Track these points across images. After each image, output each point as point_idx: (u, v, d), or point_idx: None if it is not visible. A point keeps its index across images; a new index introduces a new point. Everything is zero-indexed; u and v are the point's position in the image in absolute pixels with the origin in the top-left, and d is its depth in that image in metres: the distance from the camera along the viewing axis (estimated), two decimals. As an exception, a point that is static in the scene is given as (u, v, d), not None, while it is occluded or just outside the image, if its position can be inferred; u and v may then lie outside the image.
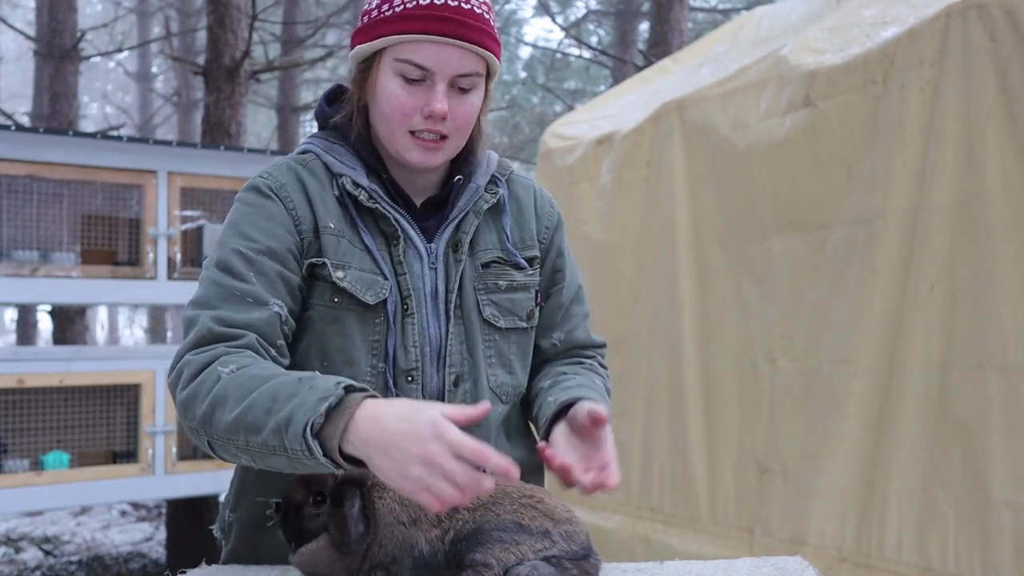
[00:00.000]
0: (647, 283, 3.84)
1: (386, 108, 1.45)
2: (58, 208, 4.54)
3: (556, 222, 1.67)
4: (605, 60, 14.55)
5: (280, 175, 1.49)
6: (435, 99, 1.42)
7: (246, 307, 1.38)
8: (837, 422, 2.94)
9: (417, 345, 1.49)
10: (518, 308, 1.58)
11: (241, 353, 1.33)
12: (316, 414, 1.17)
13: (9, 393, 4.31)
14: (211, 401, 1.27)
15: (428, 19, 1.40)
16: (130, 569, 6.07)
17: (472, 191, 1.55)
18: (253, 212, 1.45)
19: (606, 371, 1.72)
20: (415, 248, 1.50)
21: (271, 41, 11.90)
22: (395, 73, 1.43)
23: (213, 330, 1.35)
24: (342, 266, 1.45)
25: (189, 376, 1.32)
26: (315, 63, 9.31)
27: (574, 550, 1.30)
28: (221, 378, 1.28)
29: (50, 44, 8.72)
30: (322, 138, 1.56)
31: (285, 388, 1.24)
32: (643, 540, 3.71)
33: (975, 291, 2.57)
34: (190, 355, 1.34)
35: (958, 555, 2.59)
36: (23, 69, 21.86)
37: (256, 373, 1.28)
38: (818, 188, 3.05)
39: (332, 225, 1.46)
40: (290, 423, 1.19)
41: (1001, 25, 2.53)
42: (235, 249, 1.41)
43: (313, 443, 1.17)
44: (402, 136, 1.46)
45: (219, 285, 1.39)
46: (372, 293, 1.45)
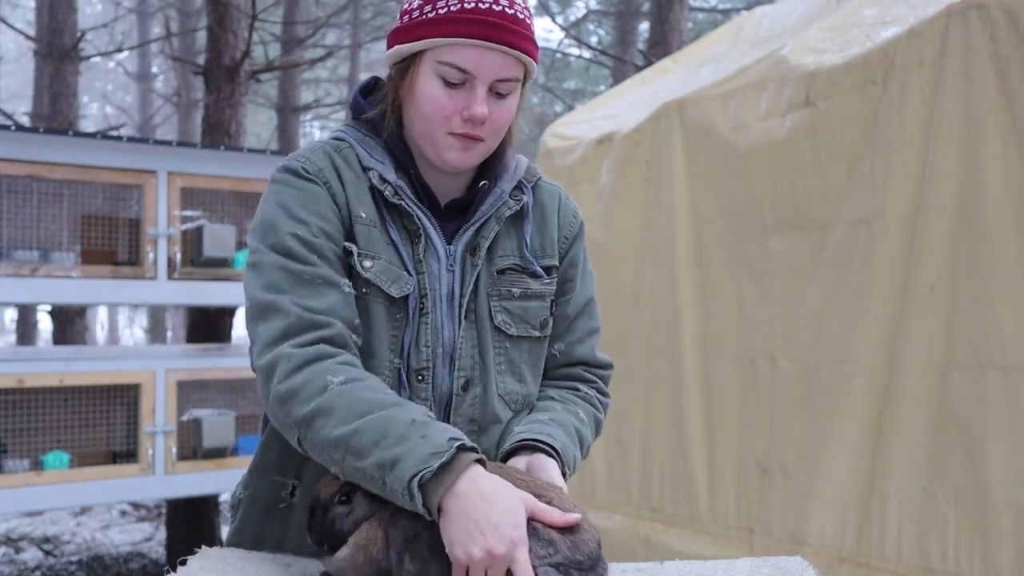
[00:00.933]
0: (647, 283, 3.84)
1: (426, 109, 1.45)
2: (58, 208, 4.55)
3: (576, 233, 1.66)
4: (605, 60, 14.55)
5: (317, 159, 1.50)
6: (475, 103, 1.43)
7: (322, 291, 1.40)
8: (837, 422, 2.94)
9: (429, 345, 1.49)
10: (531, 316, 1.57)
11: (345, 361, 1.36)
12: (427, 467, 1.23)
13: (9, 393, 4.31)
14: (316, 408, 1.31)
15: (473, 23, 1.40)
16: (130, 569, 6.07)
17: (496, 196, 1.55)
18: (300, 194, 1.46)
19: (604, 399, 1.70)
20: (434, 248, 1.51)
21: (271, 41, 11.90)
22: (435, 75, 1.44)
23: (303, 317, 1.37)
24: (371, 256, 1.46)
25: (290, 370, 1.34)
26: (315, 63, 9.31)
27: (579, 560, 1.28)
28: (329, 387, 1.32)
29: (50, 44, 8.71)
30: (355, 128, 1.56)
31: (397, 427, 1.27)
32: (643, 540, 3.71)
33: (975, 291, 2.57)
34: (288, 347, 1.36)
35: (958, 555, 2.59)
36: (23, 69, 21.86)
37: (366, 396, 1.32)
38: (818, 188, 3.05)
39: (364, 215, 1.47)
40: (397, 465, 1.24)
41: (1001, 25, 2.53)
42: (292, 233, 1.42)
43: (417, 493, 1.23)
44: (441, 136, 1.46)
45: (287, 271, 1.40)
46: (397, 287, 1.46)
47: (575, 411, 1.60)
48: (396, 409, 1.30)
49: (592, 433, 1.63)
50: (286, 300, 1.38)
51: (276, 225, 1.44)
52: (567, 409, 1.59)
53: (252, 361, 1.44)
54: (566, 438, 1.52)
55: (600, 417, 1.68)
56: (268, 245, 1.43)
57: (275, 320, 1.38)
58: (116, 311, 25.09)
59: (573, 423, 1.57)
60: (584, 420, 1.60)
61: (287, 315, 1.37)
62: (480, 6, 1.41)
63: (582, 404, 1.64)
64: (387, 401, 1.32)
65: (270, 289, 1.40)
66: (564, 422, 1.55)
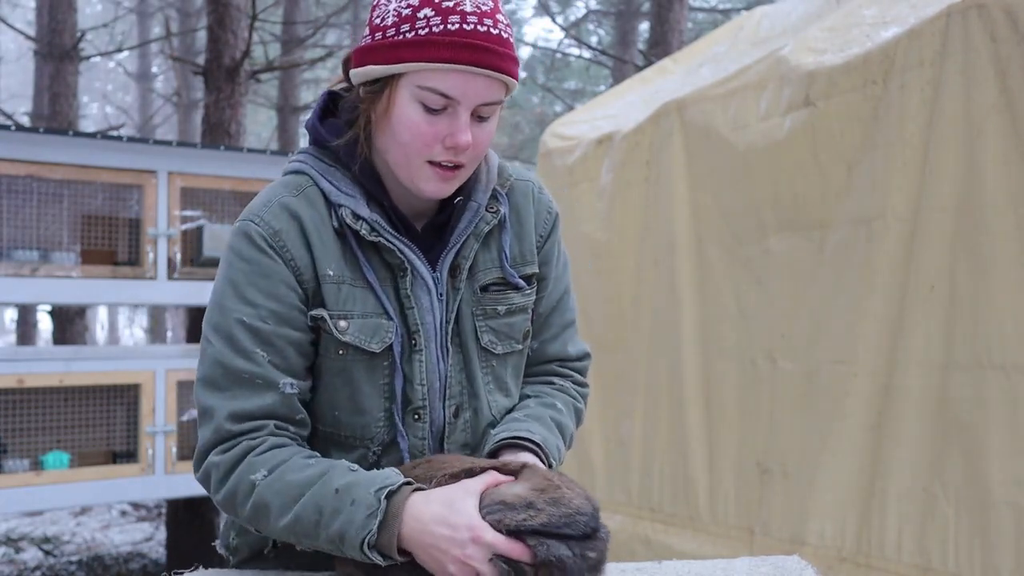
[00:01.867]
0: (647, 283, 3.84)
1: (405, 136, 1.37)
2: (58, 208, 4.54)
3: (551, 227, 1.60)
4: (605, 60, 14.55)
5: (273, 219, 1.39)
6: (459, 130, 1.35)
7: (258, 392, 1.36)
8: (837, 422, 2.94)
9: (425, 383, 1.45)
10: (515, 331, 1.54)
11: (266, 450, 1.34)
12: (368, 532, 1.24)
13: (9, 393, 4.31)
14: (252, 508, 1.33)
15: (457, 47, 1.31)
16: (130, 569, 6.07)
17: (473, 212, 1.48)
18: (250, 270, 1.38)
19: (582, 389, 1.66)
20: (422, 280, 1.44)
21: (271, 41, 11.90)
22: (415, 100, 1.35)
23: (230, 429, 1.35)
24: (344, 315, 1.40)
25: (219, 480, 1.35)
26: (315, 63, 9.30)
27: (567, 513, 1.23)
28: (256, 485, 1.32)
29: (50, 44, 8.72)
30: (316, 157, 1.47)
31: (327, 502, 1.28)
32: (643, 540, 3.71)
33: (975, 291, 2.57)
34: (214, 456, 1.36)
35: (958, 555, 2.59)
36: (23, 69, 21.86)
37: (290, 480, 1.31)
38: (818, 188, 3.05)
39: (331, 272, 1.40)
40: (344, 539, 1.26)
41: (1001, 25, 2.52)
42: (238, 319, 1.36)
43: (372, 554, 1.25)
44: (420, 166, 1.38)
45: (224, 366, 1.36)
46: (377, 340, 1.41)
47: (551, 403, 1.58)
48: (320, 485, 1.29)
49: (573, 422, 1.61)
50: (217, 404, 1.35)
51: (224, 306, 1.38)
52: (542, 403, 1.57)
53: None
54: (544, 430, 1.49)
55: (580, 407, 1.64)
56: (213, 327, 1.38)
57: (206, 428, 1.36)
58: (116, 311, 25.09)
59: (549, 415, 1.55)
60: (562, 410, 1.58)
61: (217, 425, 1.35)
62: (464, 27, 1.32)
63: (559, 395, 1.61)
64: (311, 478, 1.30)
65: (207, 386, 1.37)
66: (540, 416, 1.53)
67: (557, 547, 1.21)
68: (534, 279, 1.56)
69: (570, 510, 1.24)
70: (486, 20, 1.34)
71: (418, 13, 1.33)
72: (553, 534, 1.22)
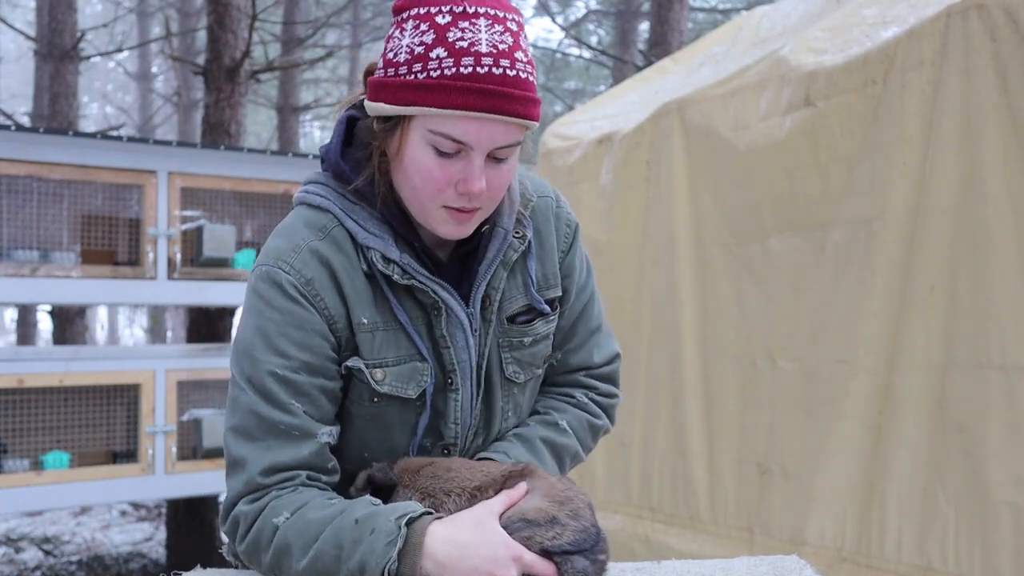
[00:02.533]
0: (647, 283, 3.84)
1: (416, 180, 1.32)
2: (58, 208, 4.54)
3: (571, 242, 1.55)
4: (605, 60, 14.55)
5: (304, 267, 1.35)
6: (473, 177, 1.29)
7: (294, 443, 1.33)
8: (837, 422, 2.93)
9: (459, 422, 1.43)
10: (537, 359, 1.51)
11: (292, 493, 1.32)
12: (389, 560, 1.21)
13: (9, 393, 4.31)
14: (274, 552, 1.30)
15: (470, 93, 1.24)
16: (130, 569, 6.07)
17: (500, 238, 1.42)
18: (282, 319, 1.34)
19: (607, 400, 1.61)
20: (456, 318, 1.40)
21: (271, 41, 11.90)
22: (427, 143, 1.29)
23: (263, 482, 1.33)
24: (380, 364, 1.37)
25: (245, 530, 1.33)
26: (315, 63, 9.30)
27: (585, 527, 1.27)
28: (278, 528, 1.29)
29: (50, 44, 8.72)
30: (338, 193, 1.40)
31: (347, 534, 1.25)
32: (643, 540, 3.71)
33: (975, 291, 2.57)
34: (242, 505, 1.33)
35: (958, 555, 2.59)
36: (23, 69, 21.86)
37: (312, 518, 1.28)
38: (818, 188, 3.05)
39: (366, 320, 1.36)
40: (364, 569, 1.23)
41: (1001, 25, 2.52)
42: (271, 371, 1.33)
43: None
44: (434, 209, 1.33)
45: (259, 416, 1.33)
46: (414, 385, 1.38)
47: (553, 421, 1.54)
48: (340, 518, 1.27)
49: (580, 440, 1.57)
50: (250, 456, 1.33)
51: (255, 356, 1.34)
52: (543, 420, 1.54)
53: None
54: (524, 452, 1.47)
55: (597, 422, 1.60)
56: (246, 379, 1.35)
57: (238, 478, 1.34)
58: (116, 311, 25.08)
59: (540, 435, 1.51)
60: (565, 430, 1.54)
61: (248, 478, 1.33)
62: (478, 71, 1.24)
63: (571, 412, 1.57)
64: (331, 514, 1.28)
65: (239, 435, 1.34)
66: (528, 437, 1.50)
67: (580, 561, 1.26)
68: (557, 303, 1.52)
69: (587, 523, 1.28)
70: (502, 61, 1.25)
71: (431, 53, 1.26)
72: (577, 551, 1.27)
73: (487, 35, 1.26)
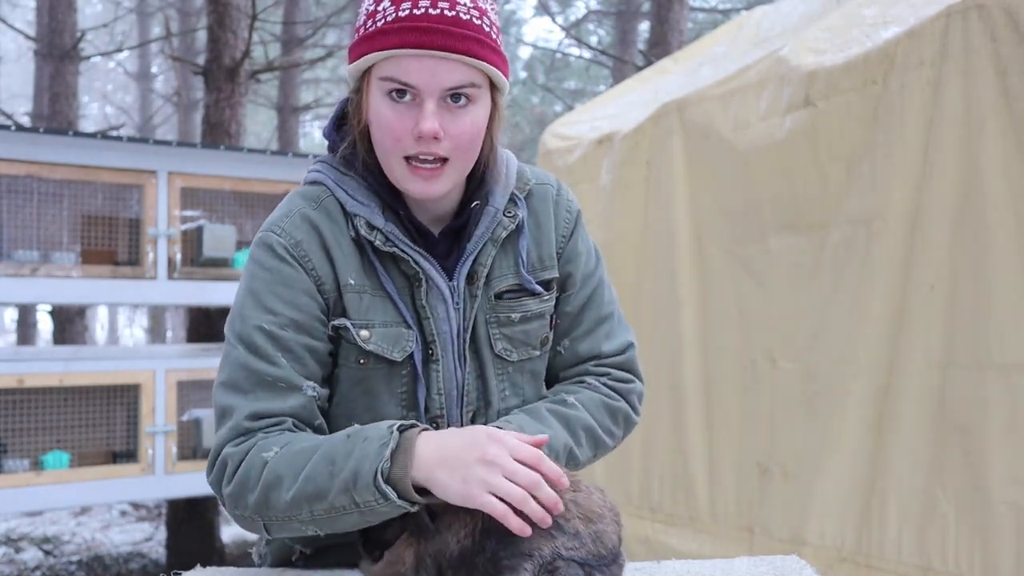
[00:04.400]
0: (647, 283, 3.84)
1: (378, 134, 1.36)
2: (58, 208, 4.55)
3: (572, 227, 1.57)
4: (605, 60, 14.56)
5: (294, 230, 1.40)
6: (423, 118, 1.31)
7: (280, 395, 1.35)
8: (837, 422, 2.93)
9: (442, 392, 1.44)
10: (531, 338, 1.51)
11: (279, 435, 1.33)
12: (382, 460, 1.22)
13: (9, 393, 4.31)
14: (264, 486, 1.29)
15: (404, 31, 1.29)
16: (130, 569, 6.07)
17: (490, 216, 1.45)
18: (271, 278, 1.38)
19: (624, 385, 1.57)
20: (438, 289, 1.42)
21: (271, 41, 11.90)
22: (383, 94, 1.33)
23: (249, 426, 1.34)
24: (366, 325, 1.39)
25: (232, 470, 1.32)
26: (315, 63, 9.30)
27: (601, 554, 1.24)
28: (268, 462, 1.29)
29: (50, 44, 8.72)
30: (332, 166, 1.46)
31: (338, 449, 1.26)
32: (643, 540, 3.71)
33: (975, 291, 2.57)
34: (229, 448, 1.33)
35: (958, 555, 2.59)
36: (23, 69, 21.86)
37: (302, 447, 1.29)
38: (818, 188, 3.05)
39: (353, 281, 1.39)
40: (357, 478, 1.22)
41: (1001, 25, 2.52)
42: (258, 326, 1.36)
43: (387, 488, 1.21)
44: (398, 164, 1.36)
45: (247, 369, 1.35)
46: (399, 349, 1.40)
47: (561, 399, 1.51)
48: (330, 439, 1.29)
49: (594, 415, 1.52)
50: (238, 404, 1.34)
51: (245, 313, 1.38)
52: (550, 401, 1.52)
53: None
54: (530, 420, 1.44)
55: (613, 403, 1.55)
56: (235, 335, 1.38)
57: (224, 426, 1.35)
58: (116, 311, 25.09)
59: (546, 407, 1.48)
60: (574, 404, 1.51)
61: (235, 423, 1.34)
62: (415, 12, 1.29)
63: (581, 392, 1.53)
64: (319, 440, 1.30)
65: (229, 388, 1.36)
66: (532, 409, 1.48)
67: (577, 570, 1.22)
68: (554, 284, 1.53)
69: (603, 549, 1.24)
70: (441, 3, 1.30)
71: (379, 6, 1.33)
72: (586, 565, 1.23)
73: None
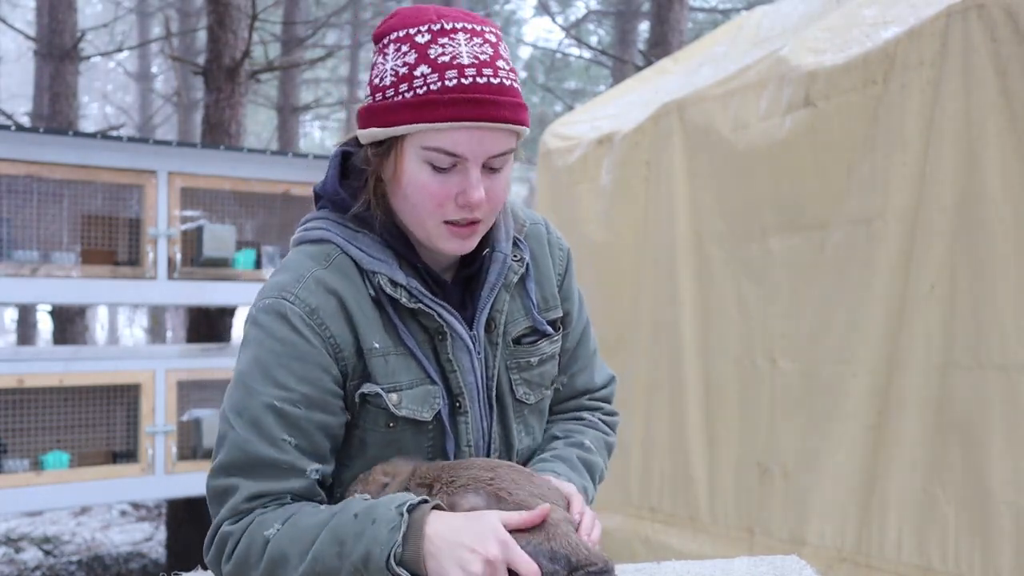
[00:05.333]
0: (647, 283, 3.84)
1: (416, 199, 1.32)
2: (58, 208, 4.54)
3: (566, 266, 1.58)
4: (605, 60, 14.56)
5: (309, 296, 1.33)
6: (471, 187, 1.30)
7: (282, 477, 1.31)
8: (837, 422, 2.94)
9: (471, 444, 1.43)
10: (546, 379, 1.53)
11: (278, 509, 1.30)
12: (394, 545, 1.20)
13: (9, 393, 4.31)
14: (268, 563, 1.26)
15: (459, 104, 1.26)
16: (130, 569, 6.07)
17: (500, 262, 1.44)
18: (283, 351, 1.31)
19: (610, 418, 1.66)
20: (462, 341, 1.40)
21: (271, 41, 11.90)
22: (422, 161, 1.30)
23: (248, 507, 1.30)
24: (395, 387, 1.36)
25: (231, 548, 1.29)
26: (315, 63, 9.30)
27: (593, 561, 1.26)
28: (269, 541, 1.26)
29: (50, 44, 8.72)
30: (338, 223, 1.40)
31: (347, 529, 1.23)
32: (643, 540, 3.71)
33: (975, 291, 2.57)
34: (226, 526, 1.30)
35: (958, 555, 2.59)
36: (23, 69, 21.86)
37: (306, 523, 1.26)
38: (818, 188, 3.05)
39: (377, 344, 1.35)
40: (369, 560, 1.21)
41: (1001, 25, 2.53)
42: (267, 403, 1.30)
43: (401, 570, 1.20)
44: (435, 226, 1.33)
45: (248, 453, 1.30)
46: (427, 408, 1.38)
47: (579, 442, 1.57)
48: (337, 518, 1.26)
49: (603, 458, 1.61)
50: (238, 485, 1.30)
51: (251, 387, 1.31)
52: (569, 443, 1.57)
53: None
54: (570, 472, 1.49)
55: (610, 440, 1.64)
56: (236, 411, 1.32)
57: (222, 507, 1.31)
58: (116, 311, 25.09)
59: (576, 454, 1.54)
60: (591, 447, 1.57)
61: (234, 504, 1.30)
62: (463, 82, 1.26)
63: (588, 432, 1.60)
64: (325, 517, 1.27)
65: (227, 471, 1.31)
66: (567, 457, 1.53)
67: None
68: (559, 323, 1.55)
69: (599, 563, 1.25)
70: (485, 71, 1.28)
71: (415, 71, 1.28)
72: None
73: (467, 48, 1.29)
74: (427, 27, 1.30)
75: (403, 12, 1.35)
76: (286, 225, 5.05)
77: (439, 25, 1.30)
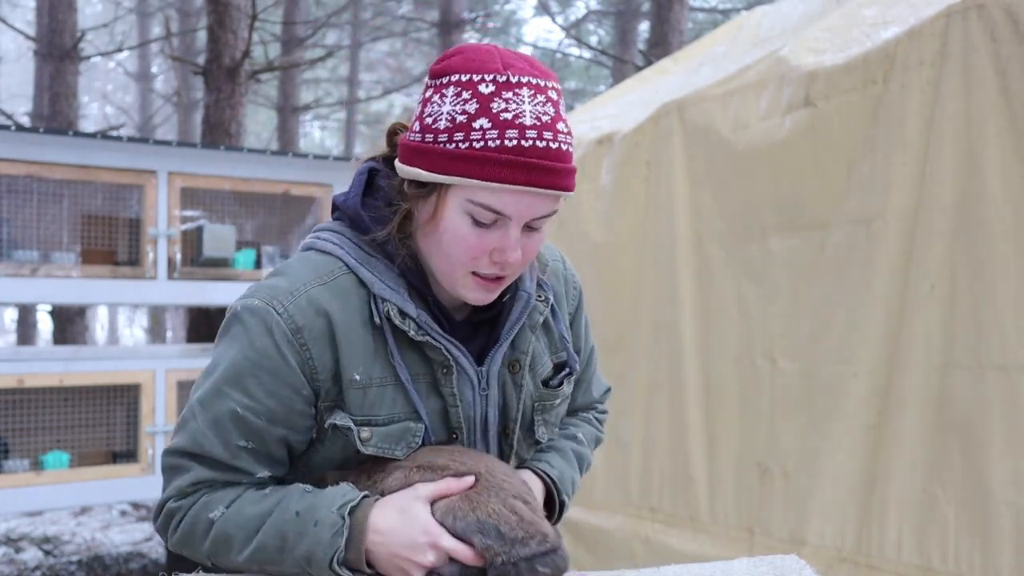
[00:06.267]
0: (647, 283, 3.84)
1: (451, 248, 1.30)
2: (58, 208, 4.55)
3: (577, 303, 1.58)
4: (605, 60, 14.56)
5: (298, 314, 1.31)
6: (509, 247, 1.28)
7: (230, 474, 1.35)
8: (837, 422, 2.94)
9: None
10: (559, 418, 1.55)
11: (223, 490, 1.34)
12: (336, 550, 1.26)
13: (9, 393, 4.31)
14: (212, 543, 1.33)
15: (515, 167, 1.23)
16: (130, 569, 6.07)
17: (523, 301, 1.42)
18: (258, 360, 1.30)
19: (602, 415, 1.74)
20: (467, 376, 1.39)
21: (271, 41, 11.90)
22: (464, 212, 1.27)
23: (194, 490, 1.35)
24: (368, 423, 1.34)
25: (177, 522, 1.36)
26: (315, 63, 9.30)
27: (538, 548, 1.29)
28: (214, 523, 1.32)
29: (50, 44, 8.72)
30: (356, 244, 1.38)
31: (289, 527, 1.28)
32: (643, 540, 3.71)
33: (975, 291, 2.57)
34: (172, 502, 1.36)
35: (958, 555, 2.59)
36: (23, 69, 21.85)
37: (250, 512, 1.31)
38: (818, 188, 3.05)
39: (358, 376, 1.32)
40: (312, 560, 1.27)
41: (1001, 25, 2.52)
42: (231, 409, 1.31)
43: (344, 571, 1.27)
44: (463, 276, 1.32)
45: (203, 448, 1.32)
46: (403, 445, 1.35)
47: (573, 434, 1.62)
48: (279, 510, 1.30)
49: (591, 449, 1.66)
50: (187, 469, 1.34)
51: (220, 388, 1.32)
52: (564, 433, 1.61)
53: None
54: (563, 463, 1.54)
55: (600, 435, 1.71)
56: (203, 405, 1.33)
57: (170, 484, 1.36)
58: (116, 311, 25.09)
59: (571, 447, 1.59)
60: (583, 440, 1.62)
61: (179, 485, 1.35)
62: (523, 144, 1.23)
63: (582, 425, 1.66)
64: (268, 507, 1.31)
65: (181, 455, 1.35)
66: (562, 448, 1.57)
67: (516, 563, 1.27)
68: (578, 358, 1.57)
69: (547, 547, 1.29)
70: (546, 134, 1.24)
71: (474, 123, 1.24)
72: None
73: (531, 106, 1.25)
74: (492, 76, 1.25)
75: (467, 52, 1.29)
76: (286, 225, 5.05)
77: (505, 77, 1.25)
